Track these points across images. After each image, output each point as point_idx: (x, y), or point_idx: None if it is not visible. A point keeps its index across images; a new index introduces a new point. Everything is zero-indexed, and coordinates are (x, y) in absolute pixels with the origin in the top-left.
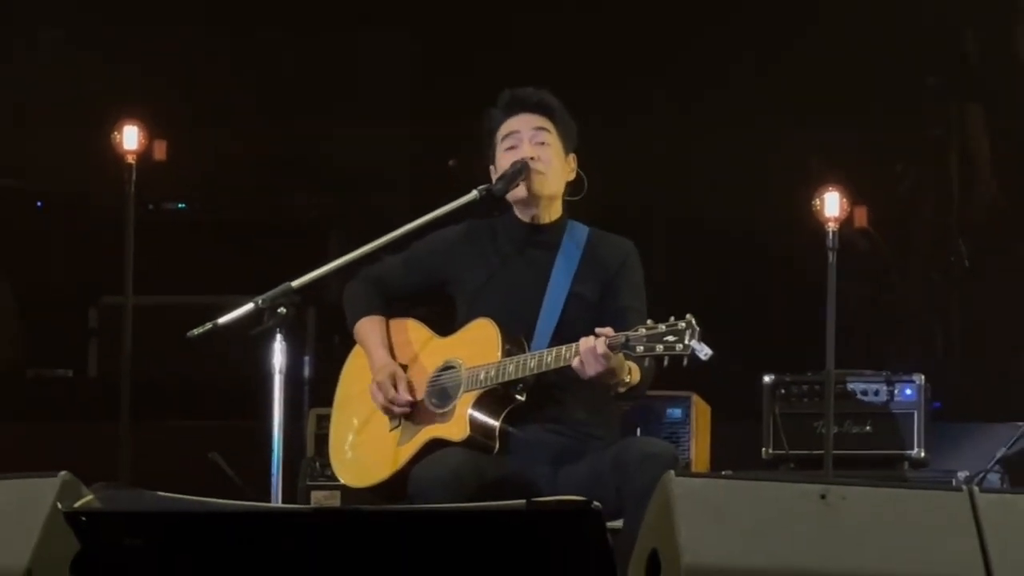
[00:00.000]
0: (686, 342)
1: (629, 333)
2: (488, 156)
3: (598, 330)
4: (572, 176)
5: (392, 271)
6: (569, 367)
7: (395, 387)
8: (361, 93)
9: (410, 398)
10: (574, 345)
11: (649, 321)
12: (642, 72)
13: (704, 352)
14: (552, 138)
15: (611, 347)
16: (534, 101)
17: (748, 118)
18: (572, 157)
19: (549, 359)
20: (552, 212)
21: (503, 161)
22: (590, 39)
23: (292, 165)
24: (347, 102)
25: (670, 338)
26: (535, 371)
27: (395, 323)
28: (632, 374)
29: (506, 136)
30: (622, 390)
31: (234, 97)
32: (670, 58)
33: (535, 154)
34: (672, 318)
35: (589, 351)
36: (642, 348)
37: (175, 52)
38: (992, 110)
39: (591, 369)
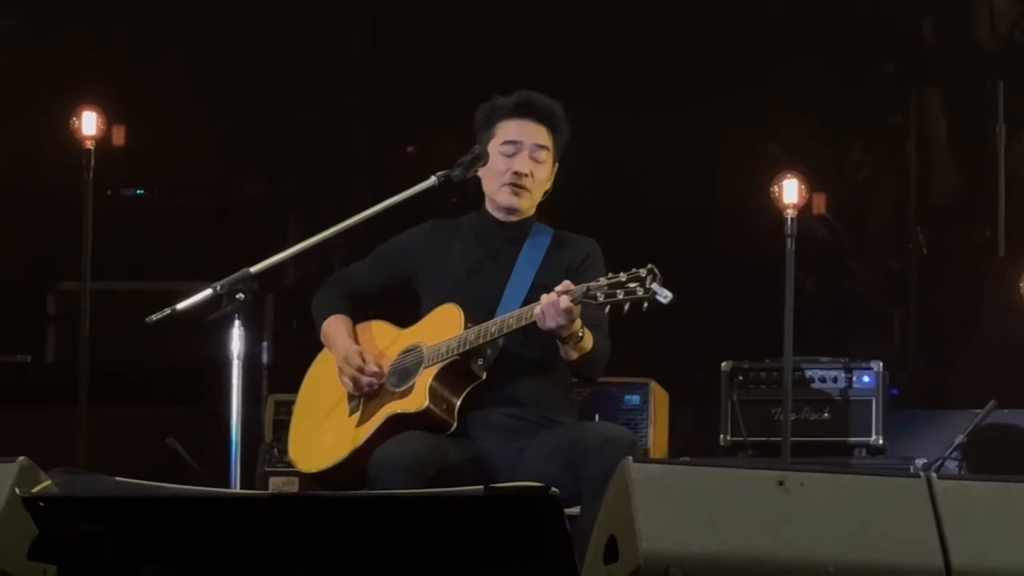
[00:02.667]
0: (647, 286)
1: (590, 283)
2: (479, 138)
3: (558, 288)
4: (549, 185)
5: (357, 272)
6: (530, 351)
7: (362, 359)
8: (320, 78)
9: (377, 369)
10: (533, 304)
11: (610, 272)
12: (601, 58)
13: (664, 295)
14: (548, 156)
15: (572, 299)
16: (545, 112)
17: (705, 104)
18: (556, 167)
19: (511, 321)
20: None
21: (495, 159)
22: (548, 26)
23: (250, 151)
24: (305, 88)
25: (631, 284)
26: (496, 335)
27: (360, 326)
28: (585, 338)
29: (507, 140)
30: (574, 355)
31: (193, 83)
32: (630, 44)
33: (529, 170)
34: (633, 268)
35: (551, 304)
36: (603, 296)
37: (134, 38)
38: (950, 96)
39: (551, 321)
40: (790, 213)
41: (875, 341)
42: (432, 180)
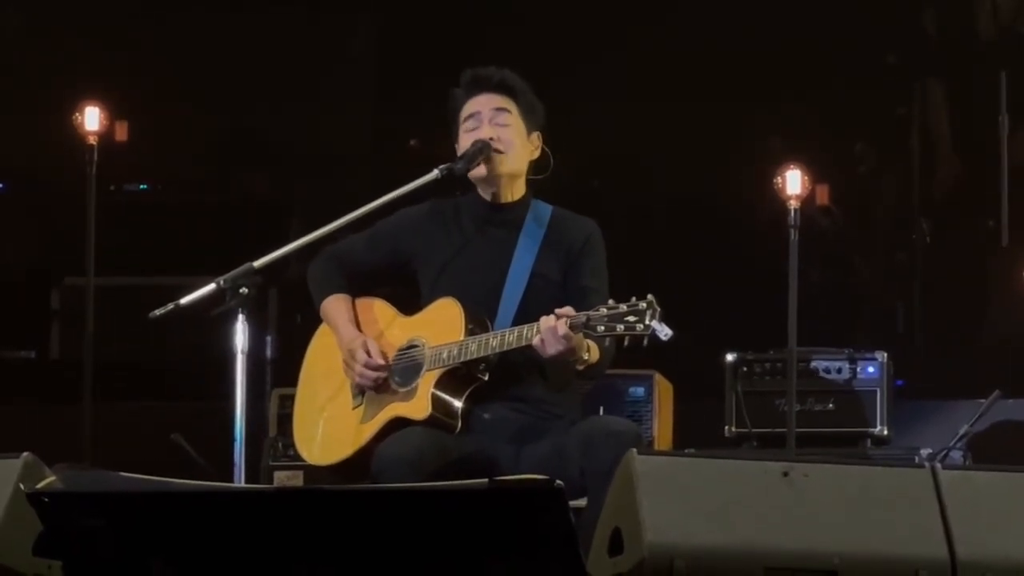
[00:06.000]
0: (646, 322)
1: (590, 313)
2: (452, 135)
3: (558, 311)
4: (536, 155)
5: (356, 249)
6: (531, 346)
7: (368, 353)
8: (322, 73)
9: (383, 362)
10: (535, 324)
11: (610, 301)
12: (604, 50)
13: (664, 332)
14: (513, 118)
15: (572, 327)
16: (495, 81)
17: (709, 95)
18: (536, 135)
19: (511, 338)
20: (515, 191)
21: (465, 141)
22: (551, 17)
23: (254, 145)
24: (309, 82)
25: (631, 318)
26: (497, 350)
27: (361, 302)
28: (591, 352)
29: (467, 116)
30: (580, 368)
31: (195, 78)
32: (633, 35)
33: (495, 134)
34: (633, 298)
35: (550, 331)
36: (603, 328)
37: (136, 34)
38: (953, 88)
39: (551, 348)
40: (793, 204)
41: (879, 331)
42: (435, 173)
